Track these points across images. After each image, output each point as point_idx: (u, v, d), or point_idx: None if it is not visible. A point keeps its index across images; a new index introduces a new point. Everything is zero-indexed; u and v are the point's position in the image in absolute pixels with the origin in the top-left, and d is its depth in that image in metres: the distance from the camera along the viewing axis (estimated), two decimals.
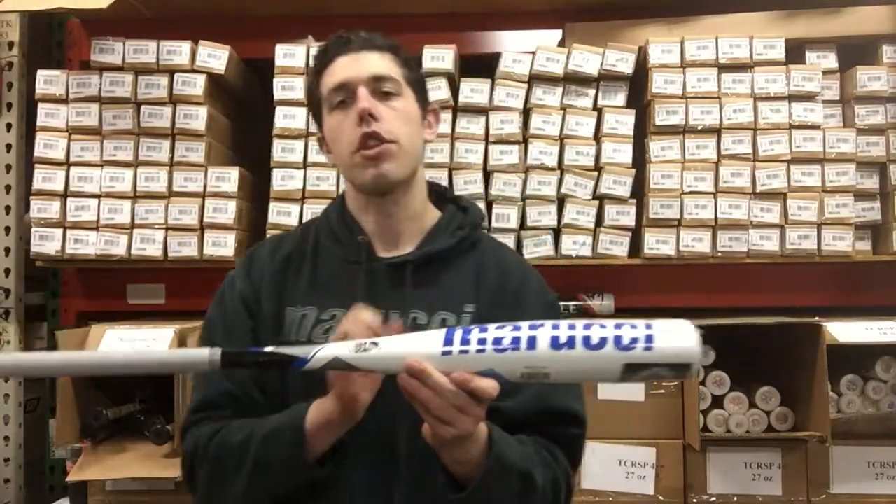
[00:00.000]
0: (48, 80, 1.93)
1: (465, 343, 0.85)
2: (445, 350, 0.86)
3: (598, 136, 1.92)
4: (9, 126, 2.10)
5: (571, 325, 0.84)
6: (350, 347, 0.87)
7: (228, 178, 1.92)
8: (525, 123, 1.93)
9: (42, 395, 2.24)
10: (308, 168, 1.91)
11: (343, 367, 0.87)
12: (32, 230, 1.92)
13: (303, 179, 1.91)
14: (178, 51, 1.92)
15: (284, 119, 1.92)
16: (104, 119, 1.92)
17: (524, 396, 1.03)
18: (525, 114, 1.94)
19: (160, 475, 1.68)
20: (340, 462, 0.98)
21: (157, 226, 1.90)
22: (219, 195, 1.91)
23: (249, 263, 1.15)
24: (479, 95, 1.92)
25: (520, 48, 1.98)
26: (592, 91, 1.94)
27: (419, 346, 0.87)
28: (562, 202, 1.91)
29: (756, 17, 1.97)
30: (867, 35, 1.97)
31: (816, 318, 1.73)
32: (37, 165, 1.93)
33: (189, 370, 1.08)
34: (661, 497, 1.75)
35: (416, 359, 0.85)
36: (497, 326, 0.87)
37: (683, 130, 1.90)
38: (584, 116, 1.92)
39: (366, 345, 0.87)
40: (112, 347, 1.73)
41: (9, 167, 2.10)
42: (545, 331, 0.84)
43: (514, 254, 1.24)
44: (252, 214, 2.02)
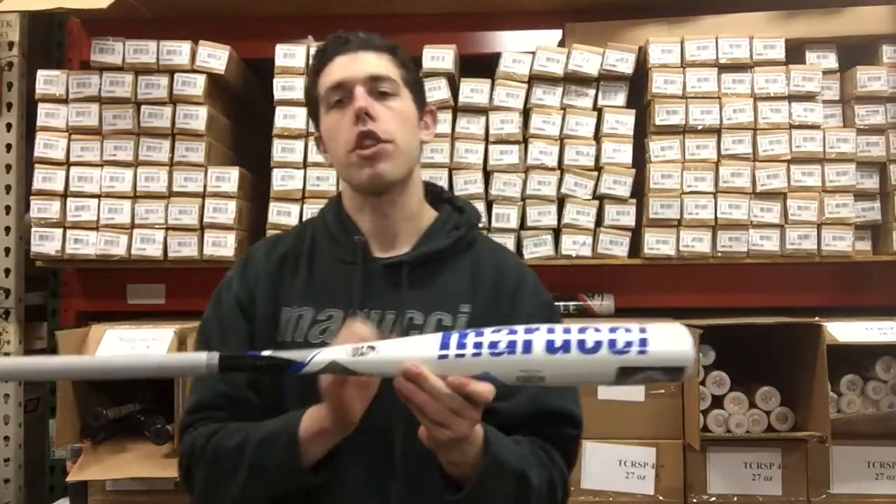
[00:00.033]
0: (48, 80, 1.94)
1: (462, 347, 0.86)
2: (442, 354, 0.86)
3: (598, 136, 1.92)
4: (9, 126, 2.10)
5: (566, 329, 0.85)
6: (347, 351, 0.87)
7: (228, 178, 1.92)
8: (525, 123, 1.93)
9: (42, 395, 2.24)
10: (308, 168, 1.91)
11: (340, 371, 0.87)
12: (32, 230, 1.92)
13: (303, 179, 1.91)
14: (178, 51, 1.92)
15: (284, 119, 1.92)
16: (104, 119, 1.92)
17: (520, 398, 1.04)
18: (525, 114, 1.94)
19: (160, 475, 1.68)
20: (335, 469, 0.98)
21: (157, 226, 1.90)
22: (219, 195, 1.91)
23: (245, 264, 1.15)
24: (479, 95, 1.92)
25: (520, 48, 1.98)
26: (592, 91, 1.94)
27: (416, 350, 0.87)
28: (562, 202, 1.91)
29: (756, 17, 1.97)
30: (867, 35, 1.97)
31: (816, 318, 1.73)
32: (37, 165, 1.93)
33: (187, 374, 1.08)
34: (661, 497, 1.75)
35: (413, 363, 0.85)
36: (493, 330, 0.87)
37: (683, 130, 1.90)
38: (584, 116, 1.92)
39: (363, 349, 0.87)
40: (112, 347, 1.73)
41: (9, 167, 2.10)
42: (540, 335, 0.85)
43: (510, 254, 1.24)
44: (252, 214, 2.02)
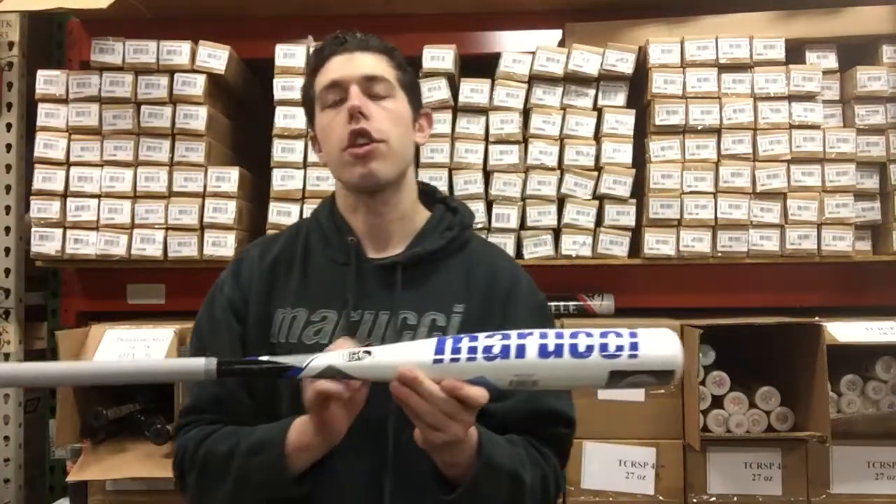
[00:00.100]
0: (48, 80, 1.93)
1: (456, 352, 0.88)
2: (437, 358, 0.88)
3: (598, 136, 1.92)
4: (9, 126, 2.10)
5: (559, 334, 0.87)
6: (344, 356, 0.89)
7: (228, 178, 1.92)
8: (525, 123, 1.93)
9: (42, 396, 2.24)
10: (308, 168, 1.91)
11: (337, 376, 0.89)
12: (32, 230, 1.92)
13: (303, 179, 1.91)
14: (178, 51, 1.92)
15: (284, 119, 1.92)
16: (104, 119, 1.92)
17: (515, 398, 1.05)
18: (525, 114, 1.94)
19: (160, 475, 1.68)
20: (319, 482, 1.00)
21: (157, 226, 1.90)
22: (219, 195, 1.91)
23: (238, 266, 1.16)
24: (479, 95, 1.92)
25: (520, 48, 1.98)
26: (592, 91, 1.94)
27: (411, 355, 0.89)
28: (562, 202, 1.91)
29: (756, 17, 1.97)
30: (867, 35, 1.97)
31: (816, 318, 1.73)
32: (37, 165, 1.93)
33: (185, 379, 1.09)
34: (661, 497, 1.75)
35: (409, 367, 0.87)
36: (487, 335, 0.89)
37: (683, 130, 1.90)
38: (584, 116, 1.92)
39: (359, 354, 0.89)
40: (112, 347, 1.74)
41: (9, 167, 2.10)
42: (533, 339, 0.87)
43: (504, 254, 1.24)
44: (252, 214, 2.02)
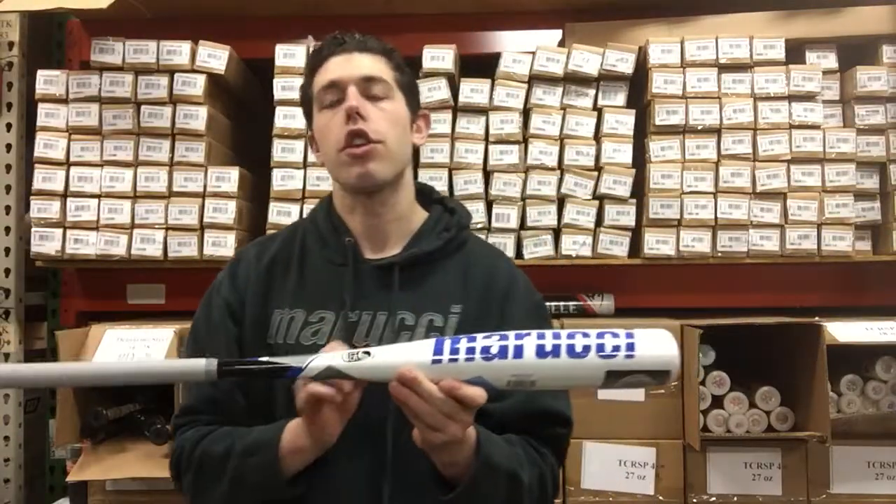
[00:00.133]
0: (48, 80, 1.93)
1: (455, 352, 0.88)
2: (435, 359, 0.89)
3: (598, 136, 1.92)
4: (9, 126, 2.10)
5: (556, 334, 0.88)
6: (343, 357, 0.90)
7: (228, 178, 1.92)
8: (525, 123, 1.93)
9: (42, 396, 2.24)
10: (308, 168, 1.91)
11: (337, 376, 0.89)
12: (32, 230, 1.92)
13: (303, 179, 1.91)
14: (178, 51, 1.92)
15: (284, 119, 1.92)
16: (104, 119, 1.92)
17: (513, 398, 1.05)
18: (525, 114, 1.94)
19: (160, 475, 1.68)
20: (312, 484, 1.00)
21: (157, 226, 1.90)
22: (219, 195, 1.91)
23: (235, 267, 1.16)
24: (479, 95, 1.92)
25: (520, 48, 1.98)
26: (592, 91, 1.94)
27: (410, 355, 0.90)
28: (562, 202, 1.91)
29: (756, 17, 1.97)
30: (867, 35, 1.97)
31: (816, 318, 1.73)
32: (37, 165, 1.93)
33: (186, 380, 1.09)
34: (661, 497, 1.75)
35: (408, 367, 0.87)
36: (485, 336, 0.90)
37: (683, 130, 1.90)
38: (584, 116, 1.92)
39: (358, 354, 0.90)
40: (112, 347, 1.73)
41: (9, 167, 2.10)
42: (531, 340, 0.87)
43: (501, 255, 1.24)
44: (252, 214, 2.02)
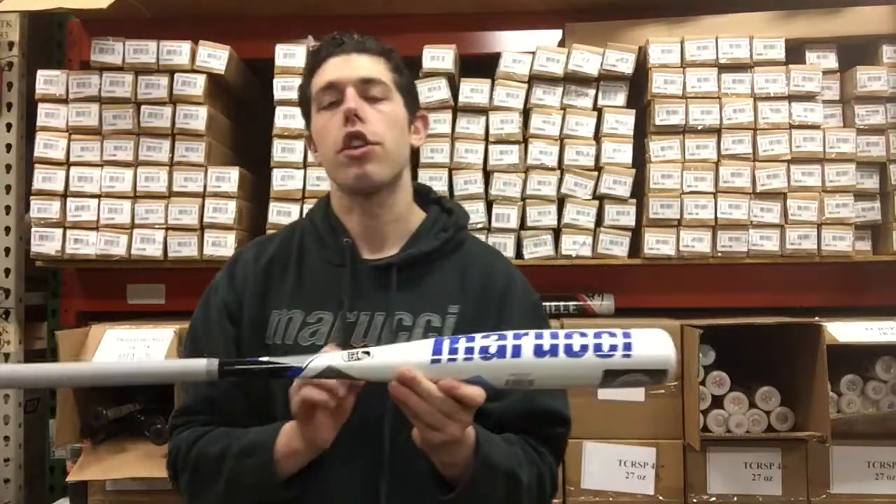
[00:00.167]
0: (48, 80, 1.93)
1: (453, 352, 0.89)
2: (434, 359, 0.89)
3: (598, 136, 1.92)
4: (9, 126, 2.10)
5: (554, 334, 0.88)
6: (343, 357, 0.90)
7: (228, 178, 1.92)
8: (525, 123, 1.93)
9: (42, 396, 2.24)
10: (308, 168, 1.91)
11: (337, 376, 0.90)
12: (32, 230, 1.92)
13: (303, 179, 1.91)
14: (178, 51, 1.92)
15: (284, 119, 1.92)
16: (104, 119, 1.92)
17: (512, 398, 1.06)
18: (525, 114, 1.94)
19: (160, 475, 1.67)
20: (307, 487, 1.01)
21: (157, 226, 1.90)
22: (219, 195, 1.91)
23: (233, 268, 1.16)
24: (479, 95, 1.92)
25: (520, 48, 1.98)
26: (592, 91, 1.94)
27: (409, 355, 0.90)
28: (562, 202, 1.91)
29: (756, 17, 1.97)
30: (867, 35, 1.97)
31: (816, 318, 1.73)
32: (37, 165, 1.93)
33: (186, 380, 1.10)
34: (661, 497, 1.75)
35: (407, 367, 0.88)
36: (483, 335, 0.90)
37: (683, 130, 1.90)
38: (584, 116, 1.92)
39: (358, 354, 0.90)
40: (112, 347, 1.73)
41: (9, 167, 2.10)
42: (529, 339, 0.88)
43: (499, 255, 1.24)
44: (252, 214, 2.02)
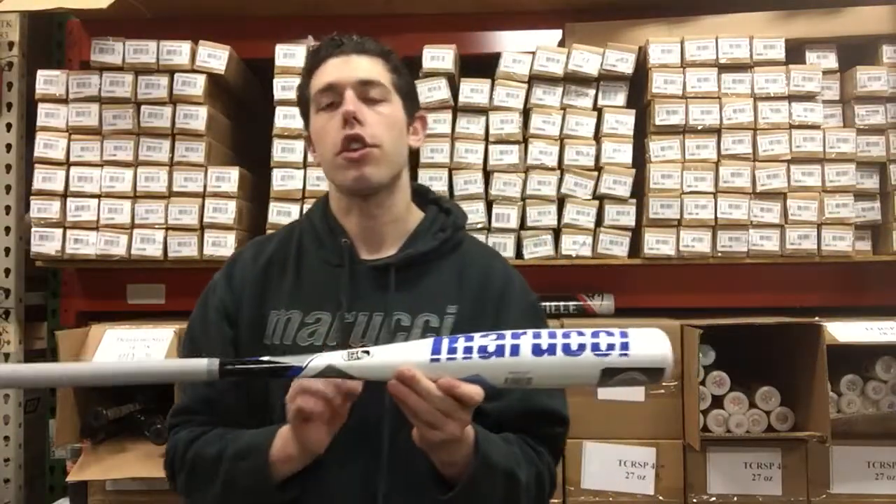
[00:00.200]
0: (48, 80, 1.93)
1: (452, 352, 0.89)
2: (433, 358, 0.90)
3: (598, 136, 1.92)
4: (9, 126, 2.10)
5: (552, 333, 0.89)
6: (343, 356, 0.91)
7: (228, 178, 1.92)
8: (525, 123, 1.93)
9: (42, 396, 2.24)
10: (308, 168, 1.91)
11: (337, 375, 0.90)
12: (32, 230, 1.92)
13: (303, 179, 1.91)
14: (178, 51, 1.92)
15: (284, 119, 1.92)
16: (104, 119, 1.92)
17: (510, 398, 1.06)
18: (525, 114, 1.94)
19: (160, 475, 1.66)
20: (304, 488, 1.01)
21: (157, 226, 1.90)
22: (219, 195, 1.91)
23: (231, 269, 1.17)
24: (479, 95, 1.92)
25: (520, 48, 1.98)
26: (592, 91, 1.94)
27: (408, 354, 0.91)
28: (562, 202, 1.91)
29: (756, 17, 1.97)
30: (867, 35, 1.97)
31: (816, 318, 1.73)
32: (37, 165, 1.93)
33: (187, 379, 1.10)
34: (661, 497, 1.75)
35: (406, 366, 0.88)
36: (481, 335, 0.91)
37: (683, 130, 1.90)
38: (584, 116, 1.92)
39: (357, 353, 0.91)
40: (112, 347, 1.73)
41: (9, 167, 2.10)
42: (527, 338, 0.89)
43: (496, 255, 1.25)
44: (252, 214, 2.02)
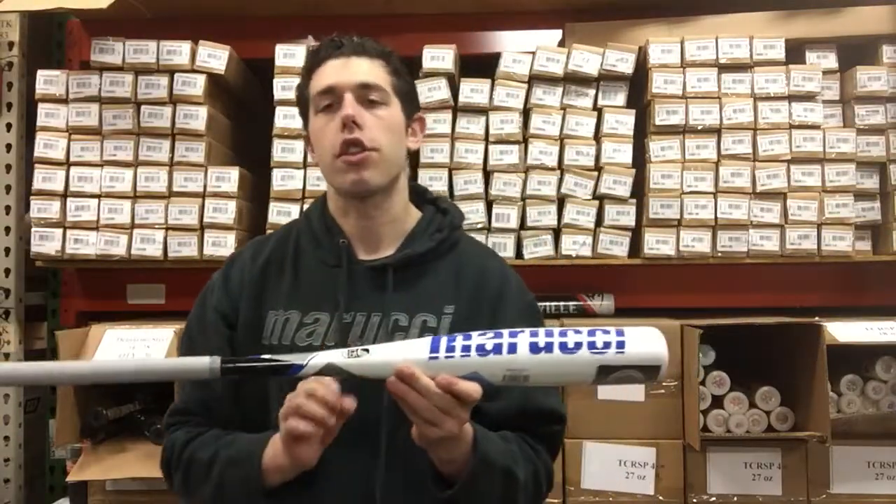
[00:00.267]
0: (48, 80, 1.94)
1: (451, 350, 0.90)
2: (432, 356, 0.90)
3: (598, 136, 1.92)
4: (9, 126, 2.10)
5: (549, 332, 0.90)
6: (343, 354, 0.92)
7: (228, 178, 1.92)
8: (525, 123, 1.93)
9: (42, 396, 2.24)
10: (308, 168, 1.91)
11: (337, 373, 0.91)
12: (32, 230, 1.92)
13: (303, 179, 1.91)
14: (178, 51, 1.92)
15: (284, 119, 1.92)
16: (104, 119, 1.92)
17: (508, 397, 1.06)
18: (525, 114, 1.94)
19: (160, 475, 1.67)
20: (306, 485, 1.01)
21: (157, 226, 1.90)
22: (219, 195, 1.91)
23: (229, 269, 1.17)
24: (479, 95, 1.92)
25: (520, 48, 1.98)
26: (592, 91, 1.94)
27: (407, 352, 0.92)
28: (562, 202, 1.91)
29: (756, 17, 1.97)
30: (867, 35, 1.97)
31: (816, 318, 1.73)
32: (37, 165, 1.93)
33: (189, 378, 1.11)
34: (661, 497, 1.75)
35: (405, 364, 0.89)
36: (479, 334, 0.92)
37: (683, 130, 1.90)
38: (584, 116, 1.92)
39: (357, 351, 0.92)
40: (112, 347, 1.73)
41: (9, 167, 2.10)
42: (525, 337, 0.90)
43: (494, 255, 1.25)
44: (252, 214, 2.02)
